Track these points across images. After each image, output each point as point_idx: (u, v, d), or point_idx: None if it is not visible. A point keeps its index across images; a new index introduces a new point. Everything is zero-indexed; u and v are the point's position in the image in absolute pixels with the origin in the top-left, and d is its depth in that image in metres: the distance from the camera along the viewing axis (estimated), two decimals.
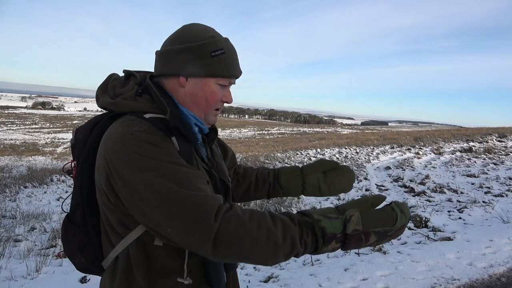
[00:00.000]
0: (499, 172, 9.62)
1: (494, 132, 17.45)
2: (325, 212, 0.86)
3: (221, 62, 0.98)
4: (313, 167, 1.28)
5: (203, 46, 0.96)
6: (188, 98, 1.00)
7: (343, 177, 1.26)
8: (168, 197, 0.78)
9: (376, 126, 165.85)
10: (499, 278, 3.26)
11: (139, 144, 0.84)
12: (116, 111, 0.97)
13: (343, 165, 1.30)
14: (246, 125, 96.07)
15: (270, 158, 13.13)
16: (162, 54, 1.00)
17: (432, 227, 5.17)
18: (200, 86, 0.99)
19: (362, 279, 3.22)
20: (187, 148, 0.95)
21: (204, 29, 1.01)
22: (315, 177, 1.27)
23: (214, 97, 1.00)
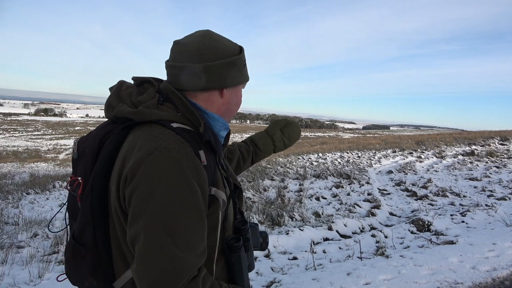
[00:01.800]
0: (502, 175, 9.59)
1: (496, 136, 17.40)
2: None
3: (246, 70, 1.09)
4: (274, 127, 1.51)
5: (240, 58, 1.03)
6: (223, 107, 1.04)
7: (294, 128, 1.53)
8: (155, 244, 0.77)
9: (377, 130, 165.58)
10: (503, 282, 3.24)
11: (165, 168, 0.79)
12: (138, 120, 0.91)
13: (290, 120, 1.55)
14: (248, 130, 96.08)
15: (272, 162, 13.12)
16: (205, 70, 0.95)
17: (435, 231, 5.16)
18: (234, 94, 1.06)
19: (364, 283, 3.21)
20: (212, 160, 0.93)
21: (229, 41, 1.04)
22: (278, 135, 1.50)
23: (241, 100, 1.10)
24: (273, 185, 9.14)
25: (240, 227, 1.02)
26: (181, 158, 0.81)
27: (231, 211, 1.01)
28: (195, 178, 0.81)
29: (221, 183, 0.93)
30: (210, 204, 0.88)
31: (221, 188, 0.92)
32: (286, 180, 9.77)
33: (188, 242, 0.79)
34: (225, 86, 0.99)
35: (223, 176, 0.97)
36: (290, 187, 9.00)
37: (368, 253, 4.28)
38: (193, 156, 0.84)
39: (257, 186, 8.82)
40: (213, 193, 0.89)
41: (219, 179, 0.93)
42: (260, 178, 10.12)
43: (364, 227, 5.67)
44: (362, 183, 9.24)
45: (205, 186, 0.85)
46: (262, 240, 1.16)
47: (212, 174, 0.89)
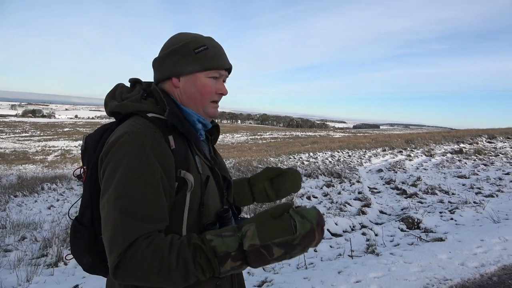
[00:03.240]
0: (489, 173, 9.73)
1: (483, 134, 17.68)
2: (221, 230, 0.88)
3: (205, 57, 1.06)
4: (259, 176, 1.35)
5: (185, 46, 1.06)
6: (184, 96, 1.08)
7: (287, 180, 1.33)
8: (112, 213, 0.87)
9: (368, 129, 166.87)
10: (491, 278, 3.29)
11: (129, 148, 0.91)
12: (123, 112, 1.04)
13: (287, 168, 1.36)
14: (239, 130, 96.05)
15: (263, 162, 13.13)
16: (154, 63, 1.11)
17: (424, 228, 5.21)
18: (191, 82, 1.06)
19: (355, 281, 3.23)
20: (184, 146, 1.01)
21: (187, 34, 1.10)
22: (261, 185, 1.33)
23: (206, 89, 1.07)
24: None
25: (222, 214, 1.05)
26: (146, 140, 0.92)
27: (213, 198, 1.06)
28: (158, 159, 0.92)
29: (194, 168, 1.01)
30: (181, 185, 0.97)
31: (192, 172, 0.99)
32: None
33: (137, 211, 0.87)
34: (171, 75, 1.07)
35: (198, 163, 1.03)
36: None
37: (358, 251, 4.31)
38: (160, 140, 0.95)
39: None
40: (182, 175, 0.97)
41: (191, 164, 1.01)
42: None
43: (355, 225, 5.71)
44: (352, 182, 9.29)
45: (169, 167, 0.94)
46: None
47: (182, 158, 0.98)
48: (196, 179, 1.00)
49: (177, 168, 0.96)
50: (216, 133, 1.22)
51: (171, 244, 0.86)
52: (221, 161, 1.20)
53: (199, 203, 1.00)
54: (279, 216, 0.88)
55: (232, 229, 0.88)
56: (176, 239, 0.88)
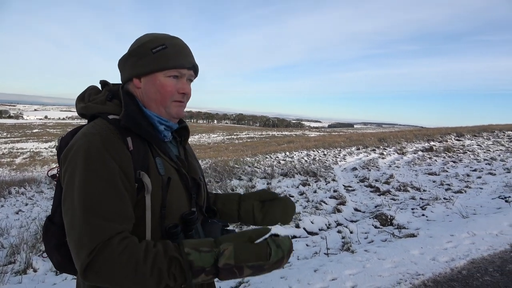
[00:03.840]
0: (458, 170, 10.10)
1: (452, 132, 18.34)
2: (199, 244, 0.89)
3: (163, 56, 1.04)
4: (252, 195, 1.31)
5: (142, 46, 1.05)
6: (145, 96, 1.07)
7: (278, 208, 1.27)
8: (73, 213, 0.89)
9: (342, 128, 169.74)
10: (460, 271, 3.41)
11: (85, 150, 0.93)
12: (88, 114, 1.07)
13: (282, 196, 1.30)
14: (215, 130, 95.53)
15: (240, 162, 13.11)
16: (118, 64, 1.12)
17: (397, 224, 5.34)
18: (151, 82, 1.05)
19: (331, 279, 3.26)
20: (143, 147, 1.01)
21: (151, 34, 1.09)
22: (250, 204, 1.28)
23: (166, 88, 1.05)
24: (241, 184, 9.14)
25: (186, 217, 1.05)
26: (102, 141, 0.94)
27: (178, 200, 1.05)
28: (115, 159, 0.93)
29: (153, 170, 1.01)
30: (140, 186, 0.98)
31: (152, 174, 1.00)
32: (254, 180, 9.79)
33: (101, 211, 0.88)
34: (132, 76, 1.07)
35: (159, 164, 1.03)
36: (258, 186, 9.04)
37: (334, 249, 4.37)
38: (116, 141, 0.96)
39: (225, 186, 8.78)
40: (140, 177, 0.97)
41: (151, 166, 1.01)
42: (228, 178, 10.09)
43: (331, 223, 5.78)
44: (328, 181, 9.42)
45: (127, 168, 0.95)
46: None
47: (140, 160, 0.99)
48: (157, 181, 1.00)
49: (135, 170, 0.97)
50: (185, 134, 1.21)
51: (146, 251, 0.87)
52: (192, 162, 1.19)
53: (160, 205, 1.00)
54: (256, 240, 0.92)
55: (210, 244, 0.90)
56: (151, 247, 0.89)
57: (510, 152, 12.23)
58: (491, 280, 3.21)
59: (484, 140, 15.43)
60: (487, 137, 16.03)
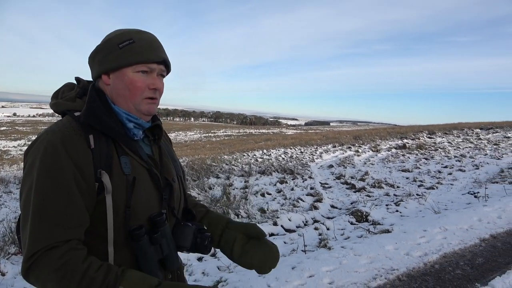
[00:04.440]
0: (430, 166, 10.40)
1: (424, 130, 18.89)
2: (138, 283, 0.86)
3: (130, 51, 1.00)
4: (239, 226, 1.19)
5: (108, 42, 1.02)
6: (114, 93, 1.04)
7: (259, 252, 1.13)
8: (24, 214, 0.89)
9: (319, 126, 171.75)
10: (433, 265, 3.51)
11: (42, 148, 0.91)
12: (57, 110, 1.05)
13: (268, 240, 1.18)
14: (192, 128, 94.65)
15: (217, 160, 13.04)
16: (88, 63, 1.09)
17: (372, 220, 5.45)
18: (119, 79, 1.02)
19: (309, 276, 3.29)
20: (106, 146, 0.98)
21: (119, 29, 1.06)
22: (233, 235, 1.17)
23: (135, 84, 1.01)
24: (219, 182, 9.08)
25: (154, 219, 1.02)
26: (62, 139, 0.92)
27: (145, 201, 1.02)
28: (72, 157, 0.91)
29: (117, 169, 0.97)
30: (101, 186, 0.94)
31: (115, 174, 0.96)
32: (231, 178, 9.75)
33: (48, 215, 0.86)
34: (100, 73, 1.04)
35: (124, 163, 0.99)
36: (236, 184, 9.00)
37: (311, 246, 4.40)
38: (76, 138, 0.93)
39: (202, 185, 8.70)
40: (100, 176, 0.94)
41: (115, 165, 0.97)
42: (205, 176, 10.00)
43: (308, 220, 5.83)
44: (305, 178, 9.50)
45: (85, 166, 0.92)
46: (200, 241, 1.12)
47: (103, 158, 0.96)
48: (121, 181, 0.96)
49: (96, 168, 0.94)
50: (159, 132, 1.16)
51: (84, 276, 0.84)
52: (166, 162, 1.15)
53: (125, 205, 0.96)
54: None
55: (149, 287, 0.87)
56: (91, 271, 0.85)
57: (478, 149, 12.70)
58: (462, 274, 3.31)
59: (454, 137, 15.96)
60: (457, 135, 16.60)
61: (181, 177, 1.21)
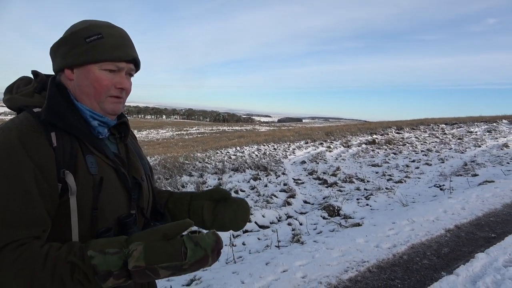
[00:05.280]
0: (398, 161, 10.73)
1: (393, 125, 19.46)
2: (107, 245, 0.82)
3: (99, 47, 0.94)
4: (202, 194, 1.18)
5: (75, 34, 0.95)
6: (77, 89, 0.98)
7: (230, 210, 1.14)
8: None
9: (291, 123, 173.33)
10: (401, 256, 3.63)
11: (1, 144, 0.84)
12: (13, 107, 0.97)
13: (235, 197, 1.17)
14: (164, 125, 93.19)
15: (190, 158, 12.92)
16: (50, 55, 1.01)
17: (343, 215, 5.57)
18: (84, 75, 0.96)
19: (282, 271, 3.32)
20: (70, 144, 0.92)
21: (86, 21, 0.99)
22: (200, 204, 1.16)
23: (101, 82, 0.96)
24: (192, 181, 9.01)
25: (123, 220, 0.97)
26: (20, 136, 0.85)
27: (113, 202, 0.97)
28: (32, 157, 0.85)
29: (82, 169, 0.92)
30: (65, 186, 0.89)
31: (80, 174, 0.91)
32: (204, 175, 9.70)
33: (5, 215, 0.80)
34: (63, 67, 0.97)
35: (90, 163, 0.94)
36: (209, 182, 8.96)
37: (285, 241, 4.45)
38: (36, 136, 0.87)
39: (175, 183, 8.61)
40: (64, 176, 0.88)
41: (79, 164, 0.92)
42: (178, 175, 9.89)
43: (281, 216, 5.89)
44: (278, 174, 9.57)
45: (47, 166, 0.87)
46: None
47: (66, 158, 0.90)
48: (87, 181, 0.91)
49: (59, 168, 0.88)
50: (125, 130, 1.10)
51: (46, 257, 0.79)
52: (134, 160, 1.10)
53: (91, 207, 0.91)
54: (172, 237, 0.84)
55: (119, 244, 0.82)
56: (53, 251, 0.80)
57: (444, 144, 13.22)
58: (429, 263, 3.45)
59: (421, 132, 16.54)
60: (423, 130, 17.21)
61: (149, 176, 1.17)
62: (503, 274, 3.04)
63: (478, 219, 4.69)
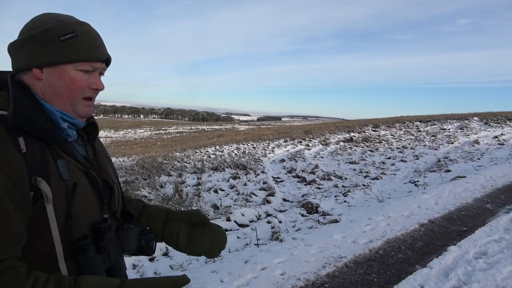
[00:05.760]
0: (375, 158, 10.95)
1: (370, 123, 19.83)
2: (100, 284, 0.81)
3: (73, 46, 0.90)
4: (180, 215, 1.16)
5: (47, 31, 0.88)
6: (48, 90, 0.91)
7: (207, 238, 1.12)
8: None
9: (271, 121, 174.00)
10: (378, 251, 3.71)
11: None
12: None
13: (214, 224, 1.16)
14: (142, 125, 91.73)
15: (169, 158, 12.78)
16: (10, 49, 0.93)
17: (322, 211, 5.64)
18: (57, 75, 0.90)
19: (261, 269, 3.34)
20: (40, 149, 0.86)
21: (53, 15, 0.92)
22: (177, 226, 1.14)
23: (76, 84, 0.92)
24: (170, 180, 8.92)
25: (97, 226, 0.93)
26: None
27: (86, 207, 0.93)
28: (2, 165, 0.78)
29: (55, 175, 0.86)
30: (38, 194, 0.83)
31: (53, 180, 0.85)
32: (183, 175, 9.62)
33: None
34: (31, 66, 0.90)
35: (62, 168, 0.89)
36: (188, 181, 8.89)
37: (264, 239, 4.48)
38: (4, 142, 0.80)
39: (153, 183, 8.50)
40: (37, 183, 0.83)
41: (52, 170, 0.86)
42: (156, 175, 9.77)
43: (261, 214, 5.92)
44: (257, 173, 9.60)
45: (17, 174, 0.80)
46: (145, 243, 1.07)
47: (37, 164, 0.84)
48: (60, 187, 0.86)
49: (31, 175, 0.82)
50: (94, 131, 1.06)
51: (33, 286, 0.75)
52: (103, 163, 1.06)
53: (65, 215, 0.86)
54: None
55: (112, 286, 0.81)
56: (39, 285, 0.76)
57: (418, 141, 13.58)
58: (404, 257, 3.54)
59: (397, 130, 16.93)
60: (399, 128, 17.61)
61: (117, 177, 1.13)
62: (474, 266, 3.16)
63: (451, 214, 4.85)
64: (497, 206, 5.09)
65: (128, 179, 9.16)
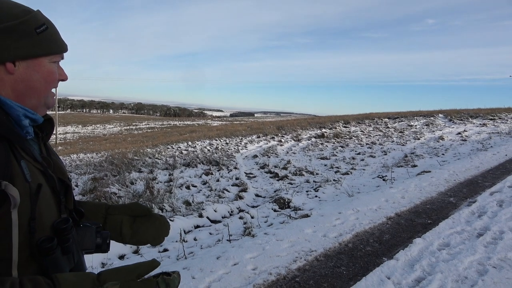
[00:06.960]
0: (345, 154, 11.18)
1: (341, 119, 20.22)
2: (77, 285, 0.78)
3: (49, 38, 0.89)
4: (121, 208, 1.15)
5: (24, 24, 0.85)
6: (20, 85, 0.86)
7: (151, 227, 1.14)
8: None
9: (244, 117, 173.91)
10: (347, 245, 3.80)
11: None
12: None
13: (156, 213, 1.18)
14: (111, 120, 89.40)
15: (139, 154, 12.53)
16: None
17: (293, 206, 5.72)
18: (33, 69, 0.87)
19: (233, 264, 3.35)
20: (3, 150, 0.81)
21: (13, 4, 0.87)
22: (118, 219, 1.13)
23: (52, 76, 0.91)
24: (141, 177, 8.75)
25: (60, 227, 0.90)
26: None
27: (47, 209, 0.89)
28: None
29: (19, 177, 0.82)
30: (2, 198, 0.77)
31: (18, 182, 0.81)
32: (155, 171, 9.46)
33: None
34: (4, 60, 0.84)
35: (25, 169, 0.85)
36: (160, 178, 8.77)
37: (236, 235, 4.49)
38: None
39: (123, 180, 8.32)
40: (3, 188, 0.77)
41: (16, 172, 0.81)
42: (126, 171, 9.56)
43: (233, 210, 5.92)
44: (230, 169, 9.59)
45: None
46: (101, 241, 1.04)
47: (1, 166, 0.78)
48: (24, 190, 0.81)
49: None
50: (49, 128, 1.01)
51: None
52: (56, 161, 1.01)
53: (29, 218, 0.82)
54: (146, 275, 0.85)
55: (91, 282, 0.79)
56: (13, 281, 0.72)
57: (386, 137, 13.98)
58: (372, 250, 3.65)
59: (366, 126, 17.35)
60: (368, 124, 18.06)
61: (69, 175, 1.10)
62: (437, 257, 3.30)
63: (416, 207, 5.03)
64: (460, 200, 5.33)
65: (96, 176, 8.91)
